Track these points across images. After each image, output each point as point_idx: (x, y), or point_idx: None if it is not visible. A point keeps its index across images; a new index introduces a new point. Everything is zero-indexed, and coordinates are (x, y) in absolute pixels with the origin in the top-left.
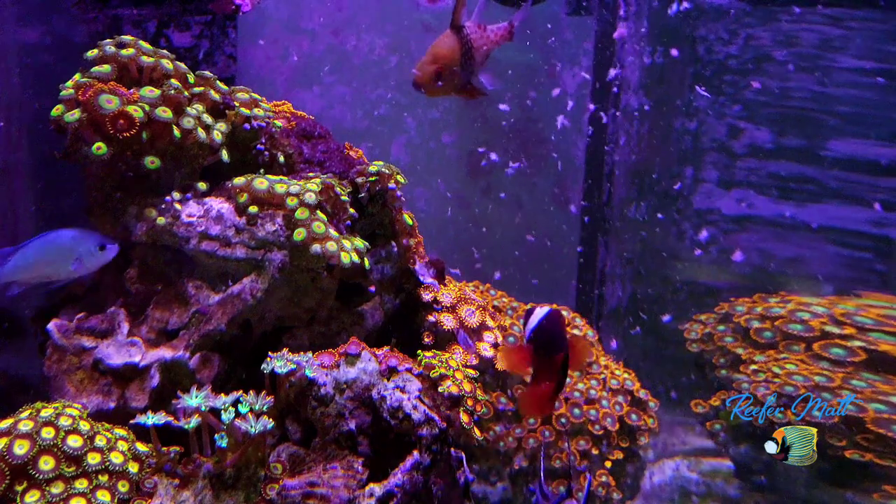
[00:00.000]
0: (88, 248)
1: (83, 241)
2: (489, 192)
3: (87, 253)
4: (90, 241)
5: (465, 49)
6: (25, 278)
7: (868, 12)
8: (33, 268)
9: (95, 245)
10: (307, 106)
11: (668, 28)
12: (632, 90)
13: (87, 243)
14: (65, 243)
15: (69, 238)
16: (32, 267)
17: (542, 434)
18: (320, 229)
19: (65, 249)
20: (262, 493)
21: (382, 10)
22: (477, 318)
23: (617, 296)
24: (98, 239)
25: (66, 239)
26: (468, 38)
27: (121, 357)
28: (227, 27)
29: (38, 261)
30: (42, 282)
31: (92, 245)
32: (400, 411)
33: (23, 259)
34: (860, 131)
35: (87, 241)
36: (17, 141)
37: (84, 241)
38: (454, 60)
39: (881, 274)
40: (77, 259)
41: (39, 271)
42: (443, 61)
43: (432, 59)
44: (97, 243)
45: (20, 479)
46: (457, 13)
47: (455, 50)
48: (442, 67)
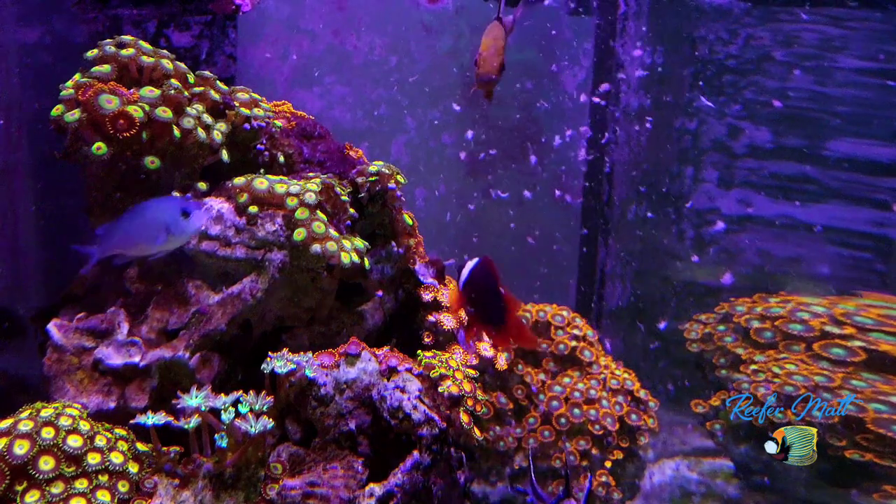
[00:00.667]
0: (174, 217)
1: (167, 210)
2: (489, 192)
3: (173, 222)
4: (174, 209)
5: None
6: (127, 251)
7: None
8: (128, 240)
9: (178, 212)
10: (307, 106)
11: (668, 28)
12: (632, 90)
13: (171, 212)
14: (150, 214)
15: (153, 208)
16: (126, 240)
17: (541, 435)
18: (320, 229)
19: (151, 221)
20: (262, 492)
21: (382, 10)
22: None
23: (617, 296)
24: (181, 206)
25: (150, 209)
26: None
27: (121, 357)
28: (227, 27)
29: (130, 234)
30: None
31: (176, 213)
32: (400, 411)
33: (118, 231)
34: (860, 131)
35: (172, 209)
36: (17, 141)
37: (168, 210)
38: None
39: (881, 274)
40: (165, 229)
41: (134, 244)
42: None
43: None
44: (180, 210)
45: (20, 478)
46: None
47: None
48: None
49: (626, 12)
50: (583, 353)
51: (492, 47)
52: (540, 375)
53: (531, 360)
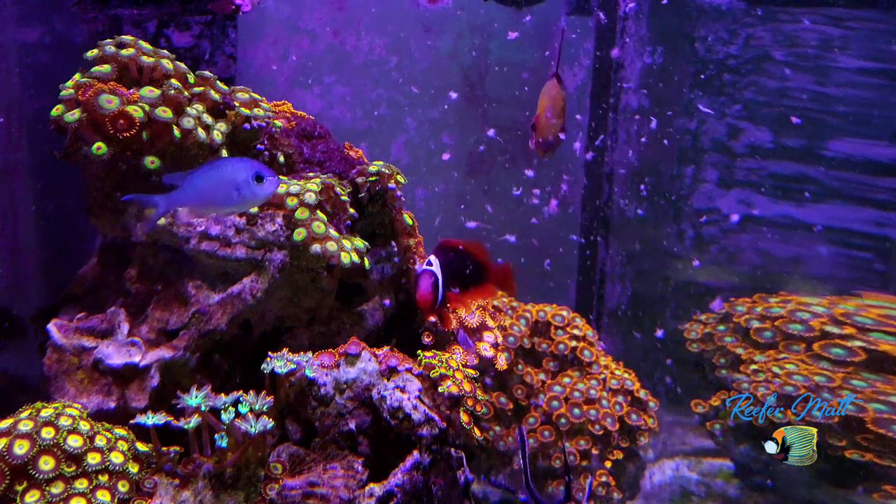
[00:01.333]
0: (246, 178)
1: (241, 171)
2: (489, 192)
3: (245, 183)
4: (248, 170)
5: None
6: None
7: (868, 12)
8: (200, 196)
9: (252, 175)
10: (307, 106)
11: (668, 28)
12: (632, 90)
13: (245, 173)
14: (225, 171)
15: (230, 166)
16: (199, 195)
17: (542, 435)
18: (320, 229)
19: (225, 179)
20: (262, 492)
21: (382, 10)
22: (477, 318)
23: (617, 296)
24: (256, 169)
25: (226, 168)
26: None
27: (121, 357)
28: (227, 27)
29: (203, 189)
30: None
31: (249, 175)
32: (400, 411)
33: (191, 186)
34: (860, 131)
35: (245, 170)
36: (17, 141)
37: (242, 171)
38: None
39: (881, 274)
40: (237, 188)
41: (206, 200)
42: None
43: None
44: (254, 173)
45: (20, 478)
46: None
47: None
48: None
49: (626, 12)
50: (583, 353)
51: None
52: (540, 375)
53: (531, 360)
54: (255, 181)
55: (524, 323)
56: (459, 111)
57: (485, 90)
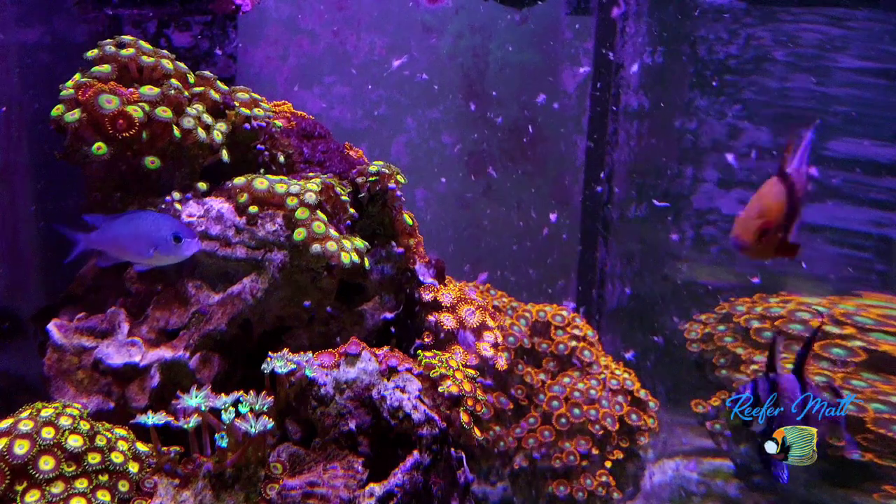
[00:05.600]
0: (164, 237)
1: (160, 229)
2: (489, 192)
3: (163, 242)
4: (166, 229)
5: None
6: (111, 252)
7: (868, 12)
8: (116, 243)
9: (171, 235)
10: (307, 106)
11: (668, 28)
12: (632, 90)
13: (163, 232)
14: (143, 227)
15: (149, 222)
16: (115, 242)
17: (542, 435)
18: (320, 229)
19: (142, 234)
20: (263, 492)
21: (382, 10)
22: (477, 318)
23: (617, 296)
24: (174, 228)
25: (145, 223)
26: (795, 188)
27: (121, 357)
28: (227, 27)
29: (120, 238)
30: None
31: (168, 234)
32: (400, 411)
33: (109, 231)
34: (860, 131)
35: (164, 229)
36: (17, 141)
37: (161, 229)
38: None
39: (881, 274)
40: (154, 245)
41: (121, 249)
42: (769, 216)
43: (758, 212)
44: (173, 233)
45: (20, 478)
46: (786, 159)
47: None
48: (769, 223)
49: (626, 12)
50: (583, 353)
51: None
52: (540, 375)
53: (531, 360)
54: (174, 241)
55: (524, 323)
56: (459, 111)
57: (485, 90)
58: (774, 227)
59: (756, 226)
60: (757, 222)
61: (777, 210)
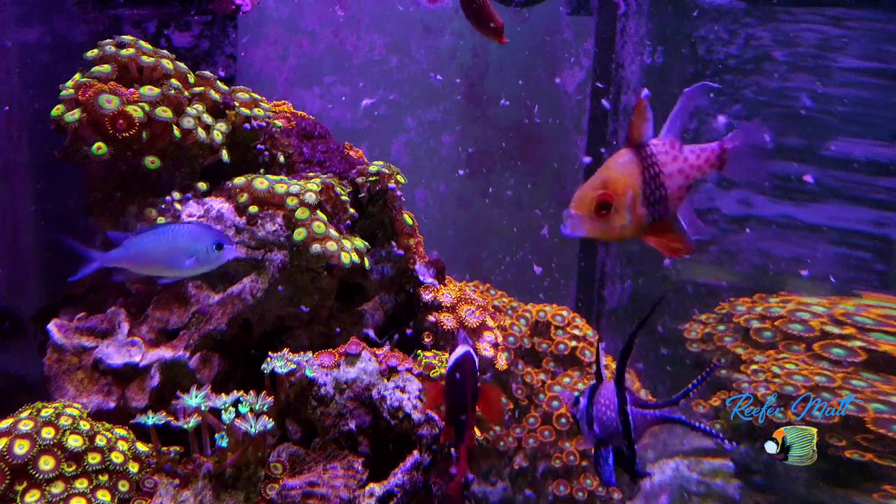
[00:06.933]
0: (205, 247)
1: (201, 239)
2: (489, 193)
3: (204, 252)
4: (207, 239)
5: (650, 175)
6: (134, 268)
7: (868, 12)
8: (144, 259)
9: (213, 244)
10: (307, 106)
11: (668, 28)
12: (632, 90)
13: (204, 241)
14: (182, 239)
15: (187, 235)
16: (143, 258)
17: (542, 435)
18: (320, 229)
19: (181, 246)
20: (263, 492)
21: (382, 10)
22: (477, 318)
23: (617, 296)
24: (215, 237)
25: (183, 234)
26: (653, 160)
27: (121, 357)
28: (227, 27)
29: (151, 253)
30: (156, 274)
31: (209, 243)
32: (400, 411)
33: (134, 248)
34: (860, 131)
35: (204, 239)
36: (17, 141)
37: (202, 239)
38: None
39: (881, 274)
40: (193, 257)
41: (150, 264)
42: (613, 188)
43: (600, 183)
44: (214, 242)
45: (20, 478)
46: (635, 126)
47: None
48: (610, 196)
49: (626, 12)
50: (583, 353)
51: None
52: (540, 375)
53: (531, 360)
54: (216, 249)
55: (524, 323)
56: (459, 111)
57: (485, 90)
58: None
59: (591, 197)
60: (593, 193)
61: (622, 182)
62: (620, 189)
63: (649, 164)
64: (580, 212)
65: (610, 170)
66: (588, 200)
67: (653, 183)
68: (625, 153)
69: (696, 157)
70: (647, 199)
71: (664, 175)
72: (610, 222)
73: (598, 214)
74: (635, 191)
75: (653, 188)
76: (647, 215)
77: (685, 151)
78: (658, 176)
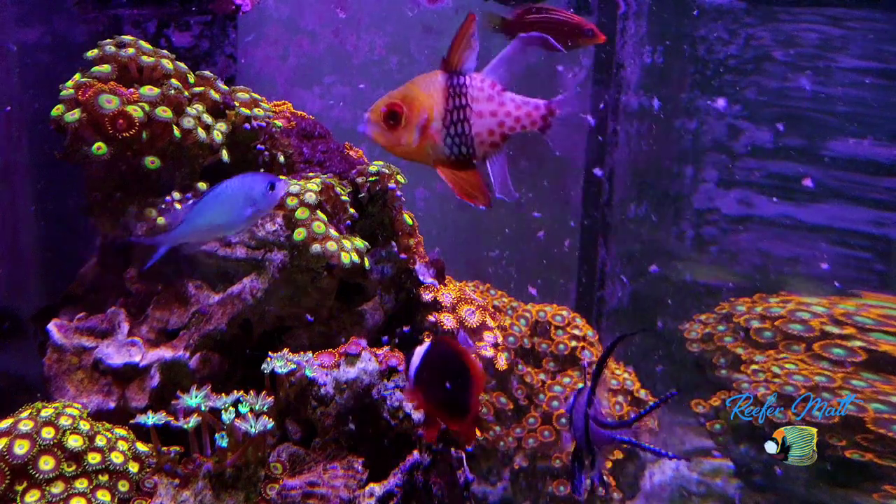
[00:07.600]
0: (262, 190)
1: (255, 185)
2: None
3: (262, 195)
4: (261, 182)
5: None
6: (202, 235)
7: (868, 12)
8: (208, 224)
9: (266, 185)
10: (307, 106)
11: (668, 28)
12: (632, 90)
13: (259, 185)
14: (239, 192)
15: (240, 185)
16: (207, 223)
17: (542, 435)
18: (320, 229)
19: (239, 195)
20: (263, 492)
21: (382, 10)
22: (477, 318)
23: (617, 296)
24: (267, 178)
25: (238, 187)
26: (464, 91)
27: (121, 357)
28: (227, 27)
29: (214, 216)
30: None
31: (264, 186)
32: (400, 411)
33: (196, 217)
34: (860, 131)
35: (259, 183)
36: (17, 141)
37: (256, 184)
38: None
39: (881, 274)
40: (252, 202)
41: (213, 229)
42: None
43: (399, 94)
44: (267, 183)
45: (20, 478)
46: (454, 49)
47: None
48: (400, 108)
49: (626, 12)
50: (583, 353)
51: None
52: (540, 375)
53: (531, 360)
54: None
55: (524, 323)
56: None
57: None
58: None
59: (382, 104)
60: (386, 102)
61: (419, 100)
62: (416, 106)
63: (458, 93)
64: (372, 117)
65: (414, 86)
66: (378, 108)
67: (456, 113)
68: (436, 74)
69: (515, 107)
70: (445, 128)
71: (471, 110)
72: (396, 135)
73: (386, 124)
74: (431, 113)
75: (454, 119)
76: (443, 146)
77: (505, 97)
78: (464, 108)
